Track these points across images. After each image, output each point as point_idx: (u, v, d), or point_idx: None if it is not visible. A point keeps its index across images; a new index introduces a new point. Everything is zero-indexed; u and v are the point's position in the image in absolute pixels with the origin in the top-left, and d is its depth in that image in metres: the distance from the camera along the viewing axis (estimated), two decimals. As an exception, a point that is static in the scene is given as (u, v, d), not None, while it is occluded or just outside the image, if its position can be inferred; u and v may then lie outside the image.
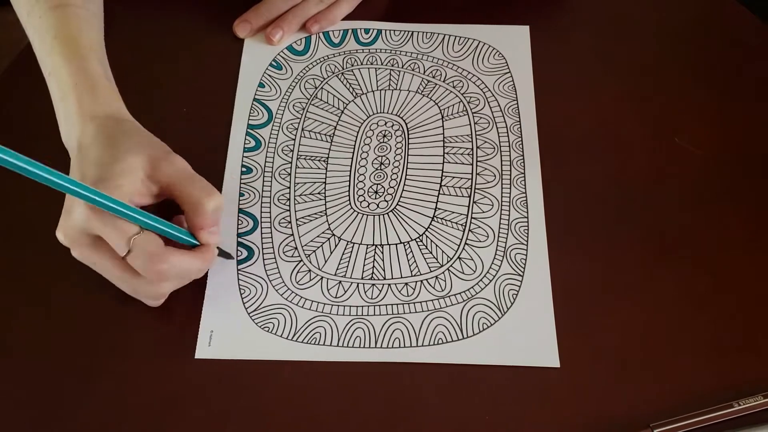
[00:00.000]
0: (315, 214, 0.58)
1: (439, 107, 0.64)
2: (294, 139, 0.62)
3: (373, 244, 0.57)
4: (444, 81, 0.66)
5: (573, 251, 0.56)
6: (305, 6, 0.68)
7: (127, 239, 0.48)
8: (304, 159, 0.61)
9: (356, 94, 0.65)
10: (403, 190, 0.60)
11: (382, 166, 0.61)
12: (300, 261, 0.56)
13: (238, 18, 0.68)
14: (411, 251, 0.57)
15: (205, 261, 0.51)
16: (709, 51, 0.69)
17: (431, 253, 0.56)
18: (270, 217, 0.58)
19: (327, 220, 0.58)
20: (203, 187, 0.51)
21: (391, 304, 0.54)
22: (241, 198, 0.59)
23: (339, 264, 0.56)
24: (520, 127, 0.63)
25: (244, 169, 0.60)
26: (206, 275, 0.55)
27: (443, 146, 0.62)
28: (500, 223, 0.58)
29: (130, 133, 0.53)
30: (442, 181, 0.60)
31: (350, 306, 0.54)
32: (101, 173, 0.50)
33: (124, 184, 0.49)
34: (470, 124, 0.63)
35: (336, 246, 0.57)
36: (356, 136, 0.63)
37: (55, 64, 0.55)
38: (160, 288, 0.51)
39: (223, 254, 0.55)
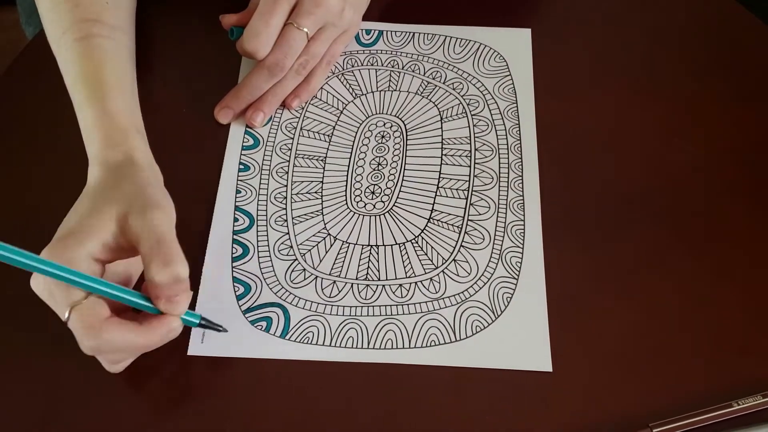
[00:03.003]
0: (311, 213, 0.58)
1: (438, 109, 0.64)
2: (292, 138, 0.62)
3: (368, 245, 0.57)
4: (444, 83, 0.66)
5: (569, 255, 0.56)
6: (283, 83, 0.62)
7: (67, 307, 0.44)
8: (302, 158, 0.61)
9: (356, 94, 0.65)
10: (400, 191, 0.60)
11: (380, 167, 0.61)
12: (295, 260, 0.56)
13: (217, 104, 0.63)
14: (406, 252, 0.56)
15: (154, 336, 0.46)
16: (708, 51, 0.68)
17: (426, 254, 0.56)
18: (266, 215, 0.58)
19: (323, 220, 0.58)
20: (162, 254, 0.45)
21: (385, 305, 0.54)
22: (238, 195, 0.59)
23: (334, 264, 0.56)
24: (519, 130, 0.63)
25: (241, 166, 0.61)
26: (201, 270, 0.55)
27: (441, 148, 0.62)
28: (496, 226, 0.58)
29: (122, 180, 0.50)
30: (439, 182, 0.60)
31: (344, 306, 0.54)
32: (74, 225, 0.47)
33: (88, 241, 0.46)
34: (469, 126, 0.63)
35: (331, 246, 0.57)
36: (354, 137, 0.63)
37: (77, 100, 0.55)
38: (106, 359, 0.48)
39: (210, 326, 0.51)
